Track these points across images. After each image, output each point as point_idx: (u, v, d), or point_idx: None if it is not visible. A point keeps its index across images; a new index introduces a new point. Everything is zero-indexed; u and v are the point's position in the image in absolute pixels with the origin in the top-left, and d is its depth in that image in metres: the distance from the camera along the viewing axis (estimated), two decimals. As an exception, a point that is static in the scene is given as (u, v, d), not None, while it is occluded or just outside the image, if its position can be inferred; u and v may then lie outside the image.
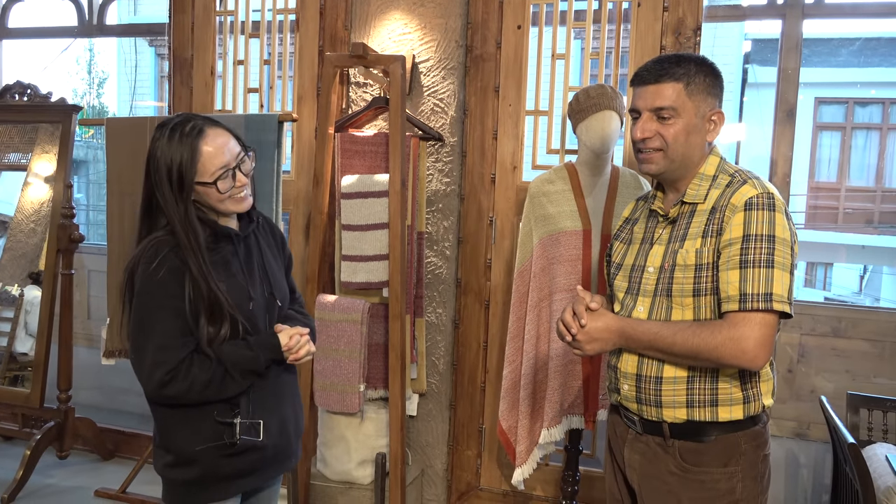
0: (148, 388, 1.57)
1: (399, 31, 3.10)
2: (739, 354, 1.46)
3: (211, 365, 1.58)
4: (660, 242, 1.64)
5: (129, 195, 3.11)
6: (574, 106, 2.48)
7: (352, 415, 2.89)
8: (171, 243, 1.58)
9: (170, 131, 1.60)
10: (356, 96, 3.19)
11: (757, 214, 1.49)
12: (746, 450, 1.58)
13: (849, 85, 11.01)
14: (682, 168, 1.62)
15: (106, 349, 3.18)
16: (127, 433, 3.78)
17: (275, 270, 1.81)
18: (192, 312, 1.56)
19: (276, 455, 1.74)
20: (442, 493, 3.23)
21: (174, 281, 1.56)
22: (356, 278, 2.85)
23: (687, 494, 1.59)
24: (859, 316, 3.30)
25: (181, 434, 1.63)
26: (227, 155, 1.62)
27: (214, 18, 3.43)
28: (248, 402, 1.65)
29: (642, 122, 1.61)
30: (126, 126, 3.14)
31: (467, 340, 3.15)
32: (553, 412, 2.54)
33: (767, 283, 1.46)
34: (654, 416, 1.62)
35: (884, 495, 2.23)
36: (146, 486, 3.31)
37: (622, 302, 1.70)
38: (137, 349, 1.57)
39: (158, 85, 12.49)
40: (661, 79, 1.59)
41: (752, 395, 1.58)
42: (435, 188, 3.11)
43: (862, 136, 11.44)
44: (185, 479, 1.65)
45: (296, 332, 1.70)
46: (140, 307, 1.57)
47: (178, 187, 1.57)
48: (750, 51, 11.41)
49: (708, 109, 1.60)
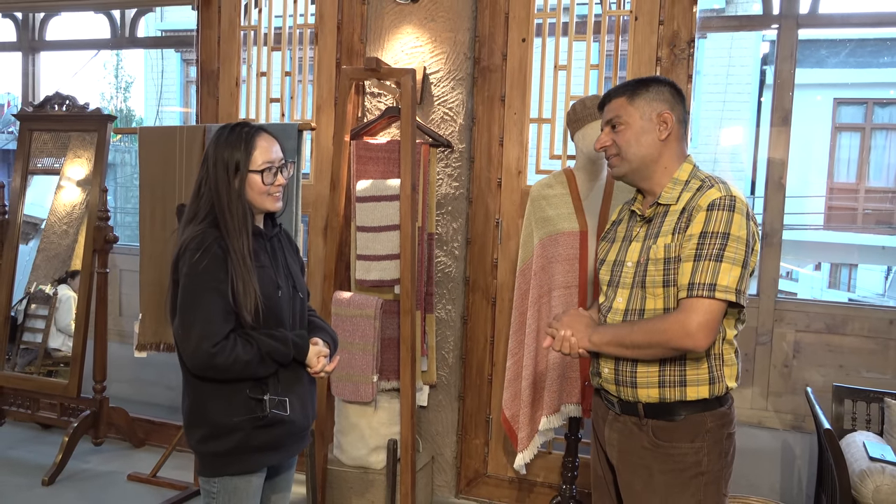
0: (195, 359, 1.77)
1: (411, 44, 3.29)
2: (684, 336, 1.66)
3: (252, 349, 1.80)
4: (637, 240, 1.84)
5: (161, 200, 3.33)
6: (571, 115, 2.66)
7: (366, 404, 3.09)
8: (215, 234, 1.81)
9: (231, 129, 1.90)
10: (371, 105, 3.40)
11: (716, 214, 1.69)
12: (712, 427, 1.76)
13: (868, 86, 10.98)
14: (644, 167, 1.83)
15: (138, 343, 3.41)
16: (156, 423, 4.01)
17: (296, 270, 2.04)
18: (233, 293, 1.78)
19: (299, 431, 1.96)
20: (451, 479, 3.42)
21: (218, 267, 1.78)
22: (370, 276, 3.05)
23: (658, 466, 1.77)
24: (852, 313, 3.44)
25: (218, 407, 1.83)
26: (274, 154, 1.90)
27: (239, 32, 3.65)
28: (277, 382, 1.88)
29: (601, 135, 1.89)
30: (157, 135, 3.37)
31: (475, 335, 3.34)
32: (552, 401, 2.72)
33: (714, 275, 1.65)
34: (631, 397, 1.80)
35: (858, 478, 2.38)
36: (175, 472, 3.54)
37: (606, 294, 1.91)
38: (185, 324, 1.77)
39: (184, 90, 12.79)
40: (609, 100, 1.88)
41: (716, 376, 1.76)
42: (444, 192, 3.30)
43: (882, 137, 11.39)
44: (220, 450, 1.84)
45: (322, 356, 1.96)
46: (188, 288, 1.78)
47: (234, 171, 1.84)
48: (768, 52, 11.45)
49: (654, 112, 1.81)
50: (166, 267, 3.31)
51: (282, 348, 1.85)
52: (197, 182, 1.90)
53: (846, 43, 11.13)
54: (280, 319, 1.90)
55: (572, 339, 1.82)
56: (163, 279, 3.34)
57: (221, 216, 1.83)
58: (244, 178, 1.86)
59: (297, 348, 1.89)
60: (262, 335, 1.83)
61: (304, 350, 1.91)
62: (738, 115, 10.35)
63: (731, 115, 10.44)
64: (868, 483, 2.34)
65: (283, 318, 1.91)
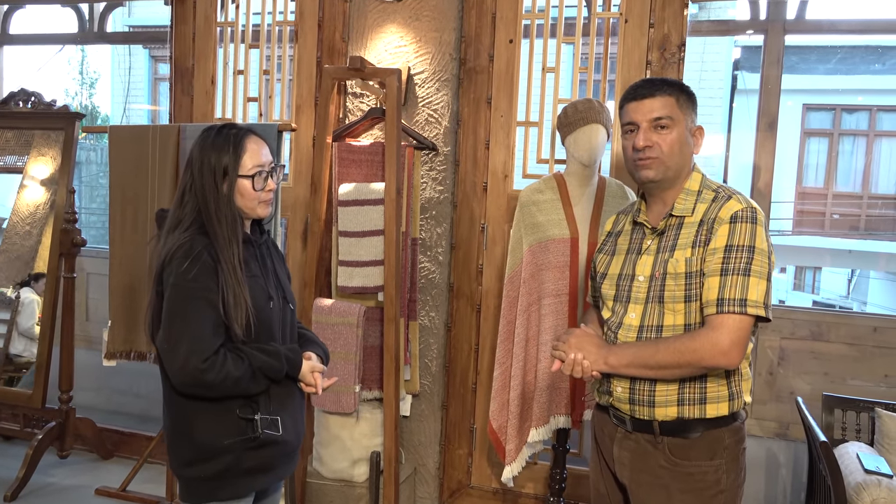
0: (182, 376, 1.64)
1: (395, 43, 3.20)
2: (718, 354, 1.59)
3: (243, 364, 1.68)
4: (648, 252, 1.76)
5: (132, 201, 3.19)
6: (563, 119, 2.59)
7: (347, 415, 2.98)
8: (204, 242, 1.70)
9: (218, 131, 1.78)
10: (353, 106, 3.30)
11: (741, 227, 1.62)
12: (729, 444, 1.70)
13: (836, 92, 11.15)
14: (674, 177, 1.74)
15: (108, 351, 3.26)
16: (126, 433, 3.86)
17: (285, 279, 1.93)
18: (224, 304, 1.67)
19: (290, 451, 1.85)
20: (434, 491, 3.33)
21: (208, 276, 1.66)
22: (352, 283, 2.95)
23: (677, 486, 1.70)
24: (837, 320, 3.43)
25: (205, 428, 1.72)
26: (264, 158, 1.80)
27: (215, 29, 3.52)
28: (268, 400, 1.76)
29: (643, 132, 1.72)
30: (129, 134, 3.23)
31: (459, 343, 3.25)
32: (541, 412, 2.64)
33: (743, 290, 1.59)
34: (646, 416, 1.72)
35: (854, 491, 2.35)
36: (146, 485, 3.40)
37: (612, 309, 1.81)
38: (171, 338, 1.65)
39: (152, 87, 12.53)
40: (656, 93, 1.73)
41: (735, 392, 1.70)
42: (429, 196, 3.21)
43: (849, 143, 11.58)
44: (207, 474, 1.72)
45: (317, 372, 1.86)
46: (175, 299, 1.66)
47: (222, 176, 1.73)
48: (739, 58, 11.57)
49: (692, 124, 1.76)
50: (138, 271, 3.22)
51: (274, 364, 1.74)
52: (181, 187, 1.78)
53: (816, 50, 11.30)
54: (271, 332, 1.80)
55: (584, 362, 1.71)
56: (134, 284, 3.22)
57: (209, 223, 1.71)
58: (233, 183, 1.75)
59: (290, 363, 1.78)
60: (254, 350, 1.72)
61: (297, 365, 1.81)
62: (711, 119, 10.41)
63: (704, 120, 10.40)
64: (864, 496, 2.31)
65: (274, 331, 1.81)
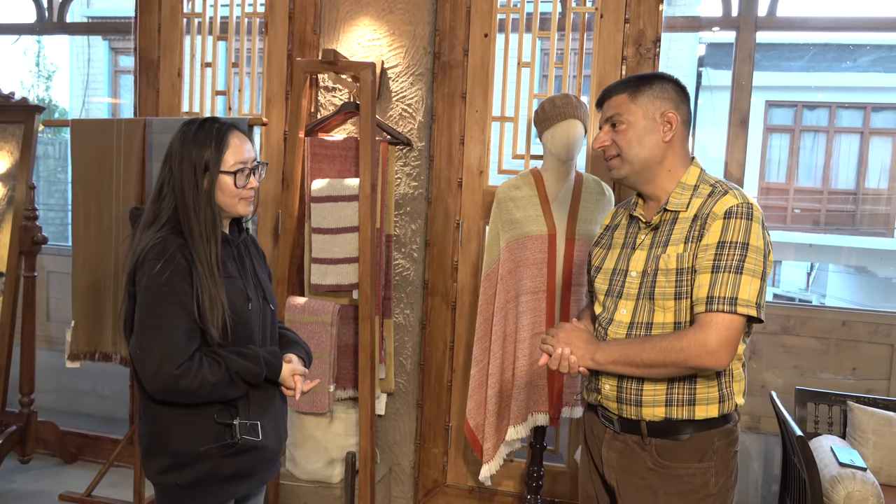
0: (155, 382, 1.58)
1: (368, 36, 3.15)
2: (705, 355, 1.54)
3: (220, 369, 1.62)
4: (642, 248, 1.72)
5: (96, 198, 3.09)
6: (540, 114, 2.57)
7: (321, 415, 2.93)
8: (178, 242, 1.63)
9: (200, 124, 1.71)
10: (325, 100, 3.23)
11: (735, 223, 1.58)
12: (719, 447, 1.66)
13: (798, 89, 11.36)
14: (646, 170, 1.71)
15: (71, 352, 3.16)
16: (90, 436, 3.75)
17: (265, 279, 1.87)
18: (199, 308, 1.61)
19: (271, 456, 1.79)
20: (409, 490, 3.30)
21: (181, 279, 1.60)
22: (326, 280, 2.90)
23: (664, 489, 1.67)
24: (807, 314, 3.47)
25: (181, 434, 1.65)
26: (247, 154, 1.74)
27: (182, 20, 3.43)
28: (248, 404, 1.71)
29: (600, 133, 1.76)
30: (92, 127, 3.13)
31: (434, 340, 3.22)
32: (519, 410, 2.62)
33: (734, 288, 1.55)
34: (634, 415, 1.69)
35: (829, 484, 2.37)
36: (112, 489, 3.31)
37: (603, 304, 1.78)
38: (144, 343, 1.58)
39: (112, 80, 12.24)
40: (610, 95, 1.75)
41: (726, 394, 1.66)
42: (403, 192, 3.17)
43: (810, 139, 11.81)
44: (184, 482, 1.66)
45: (298, 375, 1.80)
46: (148, 302, 1.60)
47: (203, 172, 1.67)
48: (704, 54, 11.71)
49: (657, 112, 1.69)
50: (103, 270, 3.12)
51: (253, 368, 1.68)
52: (158, 181, 1.71)
53: (778, 47, 11.49)
54: (250, 334, 1.74)
55: (572, 357, 1.67)
56: (99, 283, 3.12)
57: (186, 221, 1.65)
58: (214, 179, 1.68)
59: (269, 367, 1.72)
60: (231, 354, 1.66)
61: (276, 368, 1.75)
62: (676, 115, 10.52)
63: (668, 116, 10.62)
64: (840, 489, 2.33)
65: (253, 333, 1.75)
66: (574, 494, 3.16)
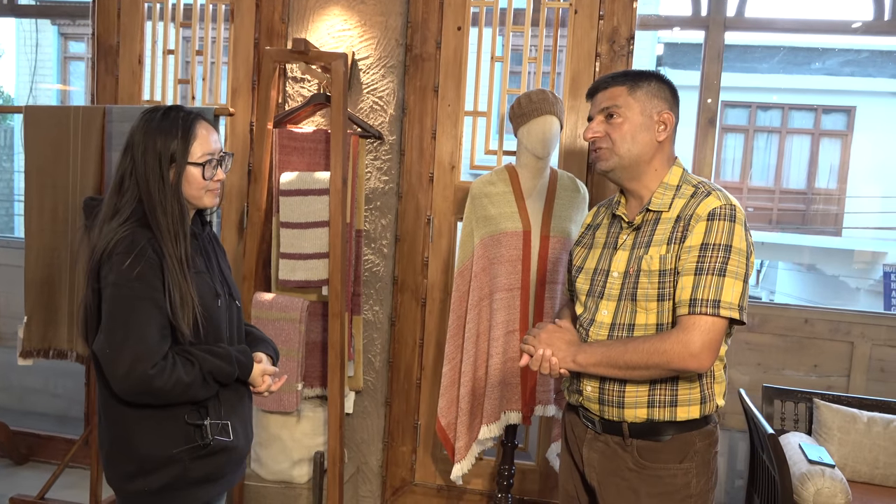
0: (126, 383, 1.49)
1: (338, 27, 3.07)
2: (687, 357, 1.53)
3: (193, 369, 1.56)
4: (624, 248, 1.70)
5: (51, 188, 2.96)
6: (516, 109, 2.54)
7: (288, 414, 2.86)
8: (147, 235, 1.55)
9: (163, 113, 1.63)
10: (293, 91, 3.15)
11: (718, 224, 1.57)
12: (700, 448, 1.66)
13: (752, 90, 11.60)
14: (634, 167, 1.69)
15: (23, 349, 3.01)
16: (42, 436, 3.60)
17: (228, 274, 1.80)
18: (170, 306, 1.53)
19: (240, 457, 1.73)
20: (377, 489, 3.25)
21: (153, 274, 1.52)
22: (295, 276, 2.82)
23: (646, 489, 1.66)
24: (769, 312, 3.52)
25: (148, 437, 1.58)
26: (214, 145, 1.67)
27: (143, 5, 3.30)
28: (219, 404, 1.64)
29: (592, 124, 1.72)
30: (48, 115, 2.98)
31: (403, 338, 3.17)
32: (493, 409, 2.59)
33: (718, 290, 1.53)
34: (615, 417, 1.67)
35: (798, 481, 2.40)
36: (66, 491, 3.18)
37: (584, 304, 1.76)
38: (114, 343, 1.50)
39: (62, 66, 11.84)
40: (608, 86, 1.72)
41: (707, 395, 1.66)
42: (373, 186, 3.11)
43: (763, 139, 12.08)
44: (151, 488, 1.58)
45: (269, 375, 1.76)
46: (117, 299, 1.51)
47: (168, 163, 1.59)
48: (662, 54, 11.89)
49: (654, 110, 1.67)
50: (58, 264, 2.99)
51: (226, 367, 1.62)
52: (119, 173, 1.62)
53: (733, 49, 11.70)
54: (219, 332, 1.67)
55: (553, 359, 1.65)
56: (53, 277, 2.98)
57: (152, 215, 1.57)
58: (181, 171, 1.60)
59: (241, 367, 1.67)
60: (204, 353, 1.59)
61: (248, 368, 1.69)
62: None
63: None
64: (809, 486, 2.36)
65: (221, 331, 1.68)
66: (543, 492, 3.15)
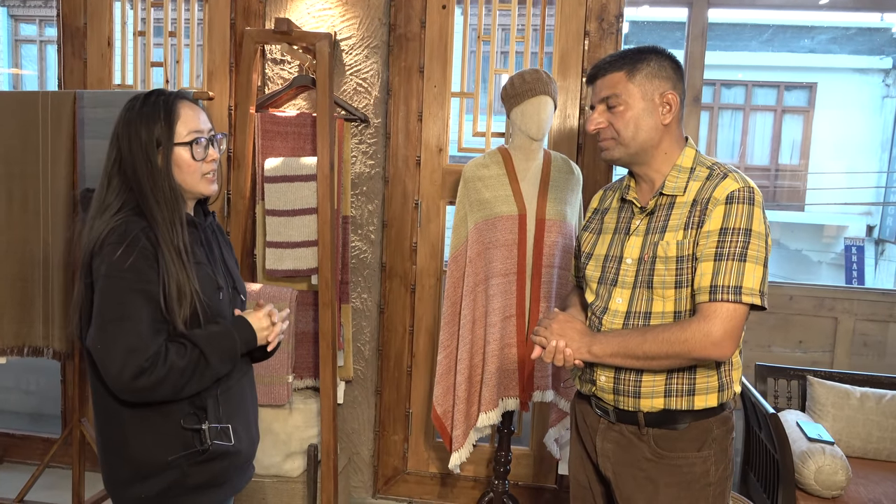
0: (121, 379, 1.40)
1: (318, 6, 2.96)
2: (708, 345, 1.49)
3: (186, 350, 1.46)
4: (637, 234, 1.65)
5: (19, 178, 2.81)
6: (509, 90, 2.47)
7: (279, 407, 2.79)
8: (141, 224, 1.46)
9: (143, 99, 1.55)
10: (273, 73, 3.04)
11: (737, 208, 1.52)
12: (718, 435, 1.62)
13: (716, 67, 11.68)
14: (643, 153, 1.64)
15: (-5, 347, 2.89)
16: (18, 436, 3.47)
17: (233, 266, 1.71)
18: (165, 297, 1.45)
19: (244, 462, 1.64)
20: (369, 478, 3.20)
21: (146, 264, 1.44)
22: (283, 265, 2.74)
23: (664, 479, 1.62)
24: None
25: (144, 441, 1.49)
26: (202, 124, 1.58)
27: (110, -16, 3.15)
28: (217, 405, 1.56)
29: (594, 114, 1.66)
30: (13, 101, 2.83)
31: (393, 325, 3.11)
32: (490, 396, 2.55)
33: (739, 276, 1.49)
34: (631, 406, 1.63)
35: (799, 459, 2.41)
36: (46, 492, 3.07)
37: (596, 292, 1.71)
38: (107, 337, 1.41)
39: (13, 50, 11.41)
40: (605, 72, 1.65)
41: (726, 382, 1.62)
42: (359, 170, 3.02)
43: (727, 116, 12.20)
44: (148, 494, 1.50)
45: (267, 312, 1.63)
46: (109, 291, 1.42)
47: (155, 149, 1.51)
48: (628, 32, 11.88)
49: (656, 92, 1.61)
50: (30, 257, 2.85)
51: (221, 333, 1.52)
52: (106, 167, 1.53)
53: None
54: None
55: (567, 350, 1.59)
56: (26, 271, 2.85)
57: (145, 204, 1.48)
58: (169, 154, 1.51)
59: (240, 331, 1.56)
60: (195, 332, 1.50)
61: (248, 329, 1.58)
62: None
63: (593, 94, 10.79)
64: (810, 464, 2.37)
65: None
66: (538, 477, 3.13)
